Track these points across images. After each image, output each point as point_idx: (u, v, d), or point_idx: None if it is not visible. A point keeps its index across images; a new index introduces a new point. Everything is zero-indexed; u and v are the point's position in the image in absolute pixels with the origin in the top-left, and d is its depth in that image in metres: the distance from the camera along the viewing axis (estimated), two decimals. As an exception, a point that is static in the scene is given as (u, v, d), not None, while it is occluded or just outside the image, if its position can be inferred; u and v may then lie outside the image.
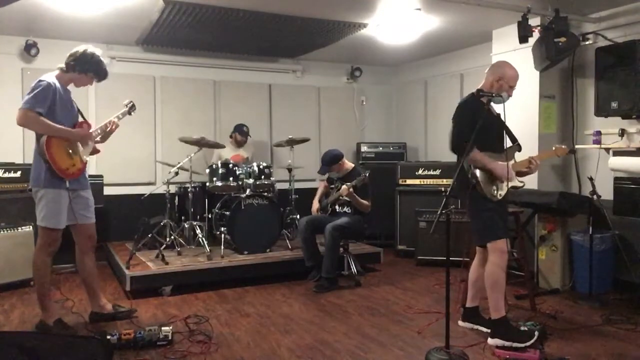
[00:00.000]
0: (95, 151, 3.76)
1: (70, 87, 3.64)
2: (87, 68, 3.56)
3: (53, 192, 3.41)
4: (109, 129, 3.74)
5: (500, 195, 3.41)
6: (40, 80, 3.39)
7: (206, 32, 5.39)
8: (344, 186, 4.79)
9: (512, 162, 3.49)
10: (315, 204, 5.28)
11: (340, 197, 4.94)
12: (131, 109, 3.93)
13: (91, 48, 3.60)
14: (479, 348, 3.29)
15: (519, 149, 3.56)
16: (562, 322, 3.80)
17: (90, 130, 3.64)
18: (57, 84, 3.46)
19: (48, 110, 3.35)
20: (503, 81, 3.45)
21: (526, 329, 3.40)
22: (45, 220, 3.43)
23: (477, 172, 3.38)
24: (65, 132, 3.47)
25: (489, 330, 3.47)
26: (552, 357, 3.12)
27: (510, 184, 3.43)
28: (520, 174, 3.53)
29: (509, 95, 3.45)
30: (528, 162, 3.51)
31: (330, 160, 5.03)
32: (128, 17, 4.95)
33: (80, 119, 3.68)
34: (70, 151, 3.49)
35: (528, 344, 3.18)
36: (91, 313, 3.82)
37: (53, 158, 3.37)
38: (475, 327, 3.65)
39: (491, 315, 3.39)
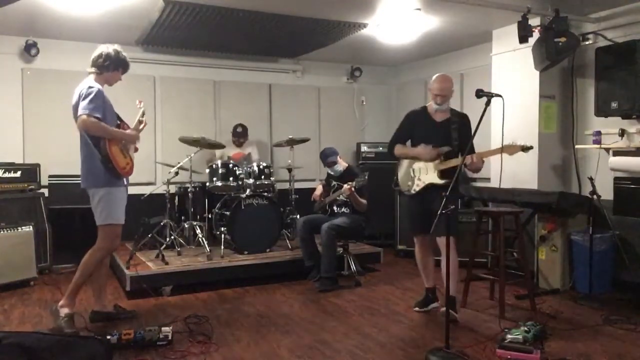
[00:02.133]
0: (135, 149, 3.88)
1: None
2: (118, 64, 3.69)
3: (115, 190, 3.59)
4: (141, 126, 3.84)
5: (414, 190, 3.93)
6: (90, 87, 3.50)
7: (206, 32, 5.38)
8: (346, 185, 4.79)
9: (437, 161, 3.84)
10: (319, 189, 5.34)
11: (340, 196, 4.96)
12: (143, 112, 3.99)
13: (110, 46, 3.70)
14: (479, 348, 3.29)
15: (452, 152, 3.81)
16: (562, 322, 3.81)
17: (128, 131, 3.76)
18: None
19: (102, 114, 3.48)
20: (430, 91, 3.97)
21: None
22: (110, 217, 3.59)
23: (398, 168, 4.08)
24: (123, 134, 3.66)
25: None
26: (553, 357, 3.12)
27: (428, 181, 3.85)
28: (446, 170, 3.79)
29: (436, 103, 3.90)
30: (463, 159, 3.65)
31: (331, 152, 5.14)
32: (128, 17, 4.95)
33: (118, 121, 3.78)
34: (124, 151, 3.66)
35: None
36: (92, 312, 3.82)
37: (115, 159, 3.52)
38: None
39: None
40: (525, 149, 3.54)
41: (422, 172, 3.92)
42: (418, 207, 3.97)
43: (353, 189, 4.76)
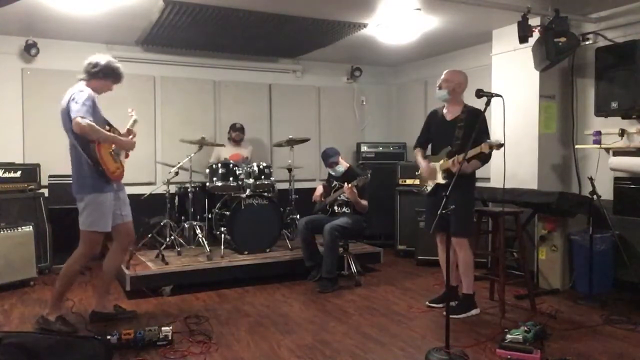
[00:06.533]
0: (126, 155, 3.87)
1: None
2: (108, 73, 3.65)
3: (99, 197, 3.55)
4: (132, 137, 3.83)
5: (426, 189, 4.12)
6: (81, 90, 3.48)
7: (206, 32, 5.38)
8: (346, 185, 4.79)
9: (441, 161, 3.93)
10: (319, 189, 5.31)
11: (340, 196, 4.96)
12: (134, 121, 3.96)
13: (105, 56, 3.69)
14: (479, 348, 3.29)
15: (453, 150, 3.85)
16: (562, 322, 3.81)
17: (122, 138, 3.74)
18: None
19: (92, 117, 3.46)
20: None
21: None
22: (94, 224, 3.56)
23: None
24: (116, 139, 3.64)
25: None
26: (552, 357, 3.12)
27: (435, 181, 4.01)
28: (448, 171, 3.88)
29: (439, 89, 4.05)
30: (452, 162, 3.79)
31: (333, 152, 5.11)
32: (128, 17, 4.95)
33: (107, 127, 3.74)
34: (115, 155, 3.65)
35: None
36: (92, 312, 3.82)
37: (104, 162, 3.50)
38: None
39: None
40: (499, 146, 3.54)
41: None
42: (432, 206, 3.99)
43: (355, 188, 4.76)
